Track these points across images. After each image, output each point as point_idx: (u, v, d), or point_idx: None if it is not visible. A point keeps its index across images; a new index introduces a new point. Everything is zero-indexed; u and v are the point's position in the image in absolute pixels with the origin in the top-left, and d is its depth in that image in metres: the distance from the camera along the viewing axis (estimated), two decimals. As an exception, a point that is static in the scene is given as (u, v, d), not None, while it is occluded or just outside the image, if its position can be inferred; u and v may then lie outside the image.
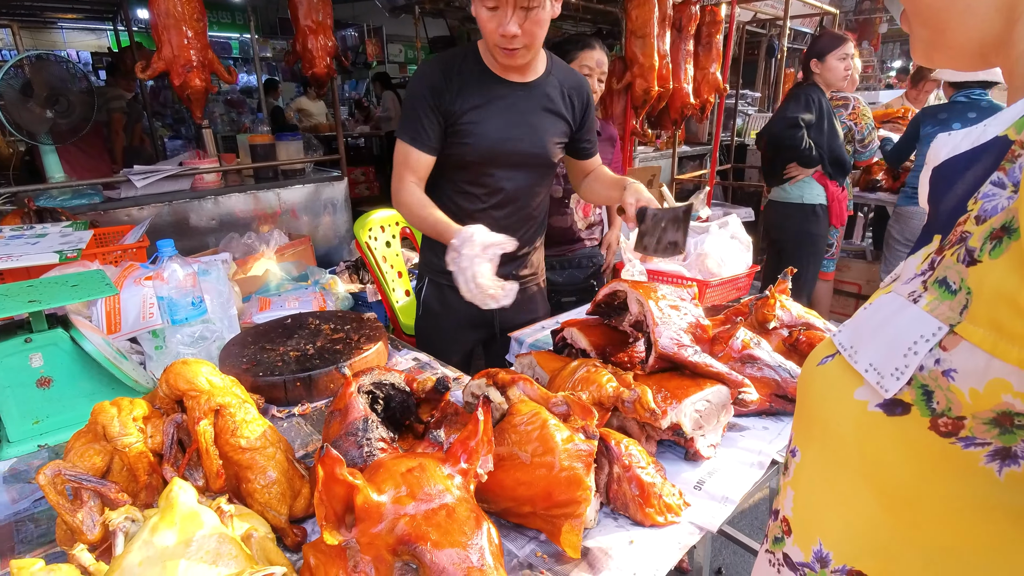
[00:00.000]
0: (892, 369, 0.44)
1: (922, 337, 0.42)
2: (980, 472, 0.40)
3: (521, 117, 1.56)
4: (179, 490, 0.66)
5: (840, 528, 0.50)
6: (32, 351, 1.22)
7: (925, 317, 0.42)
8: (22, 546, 0.95)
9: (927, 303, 0.43)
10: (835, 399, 0.49)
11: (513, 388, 1.00)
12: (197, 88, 2.48)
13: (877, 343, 0.46)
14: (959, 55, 0.51)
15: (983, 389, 0.39)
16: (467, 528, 0.69)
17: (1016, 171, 0.39)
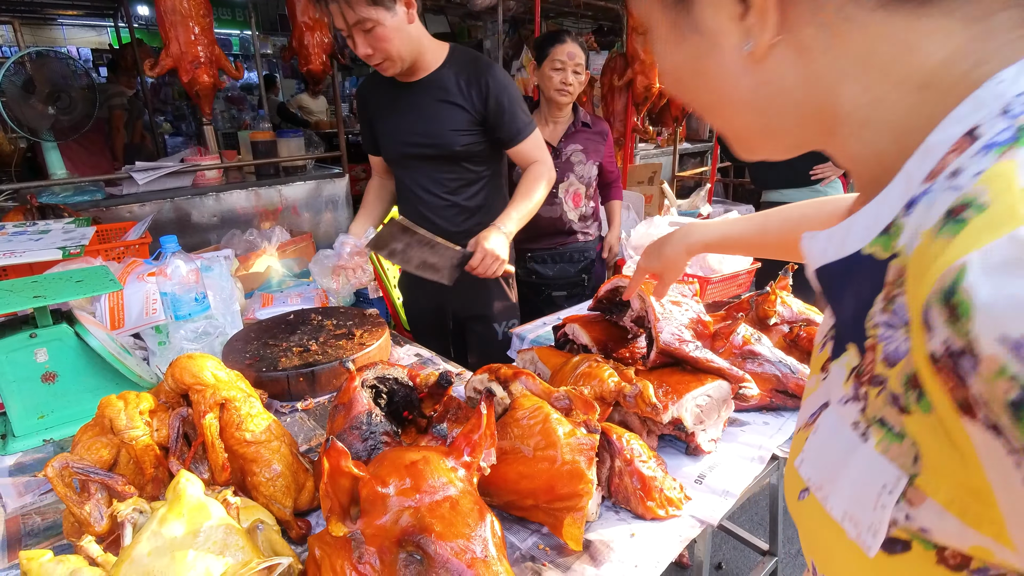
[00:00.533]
0: (867, 525, 0.39)
1: (884, 488, 0.37)
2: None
3: (416, 113, 1.67)
4: (186, 482, 0.66)
5: None
6: (37, 346, 1.22)
7: (882, 461, 0.37)
8: (29, 538, 0.96)
9: (877, 443, 0.38)
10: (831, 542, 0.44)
11: (515, 383, 1.01)
12: (205, 84, 2.48)
13: (843, 488, 0.41)
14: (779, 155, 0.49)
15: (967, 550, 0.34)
16: (471, 520, 0.70)
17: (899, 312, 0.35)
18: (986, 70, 0.34)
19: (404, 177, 1.79)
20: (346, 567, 0.68)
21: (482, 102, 1.63)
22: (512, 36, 5.56)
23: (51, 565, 0.68)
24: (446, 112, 1.63)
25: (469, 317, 1.90)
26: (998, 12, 0.34)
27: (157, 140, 4.97)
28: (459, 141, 1.66)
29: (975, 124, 0.33)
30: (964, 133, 0.33)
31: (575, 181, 2.30)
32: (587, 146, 2.30)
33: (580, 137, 2.29)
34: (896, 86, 0.38)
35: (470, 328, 1.93)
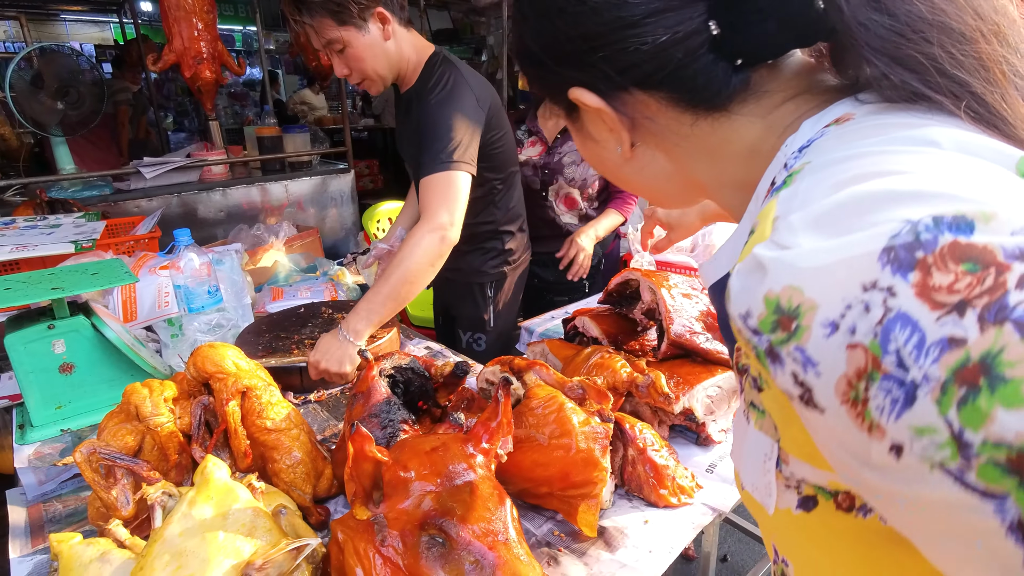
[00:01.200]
0: (763, 488, 0.47)
1: (766, 456, 0.46)
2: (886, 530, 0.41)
3: (401, 127, 1.70)
4: (213, 467, 0.68)
5: None
6: (55, 337, 1.24)
7: (760, 437, 0.46)
8: (51, 525, 0.98)
9: (755, 422, 0.47)
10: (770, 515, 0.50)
11: (529, 373, 1.02)
12: (208, 80, 2.50)
13: (746, 465, 0.50)
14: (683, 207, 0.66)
15: (827, 486, 0.42)
16: (491, 504, 0.71)
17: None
18: (784, 139, 0.46)
19: None
20: (369, 550, 0.70)
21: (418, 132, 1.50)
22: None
23: (81, 548, 0.70)
24: (408, 132, 1.61)
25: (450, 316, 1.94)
26: (778, 106, 0.47)
27: (162, 136, 4.99)
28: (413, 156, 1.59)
29: (773, 176, 0.45)
30: (769, 183, 0.46)
31: (564, 184, 2.12)
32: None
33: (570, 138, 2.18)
34: (731, 159, 0.51)
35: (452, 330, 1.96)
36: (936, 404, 0.28)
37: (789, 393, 0.35)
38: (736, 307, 0.37)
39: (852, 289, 0.31)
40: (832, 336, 0.32)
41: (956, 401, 0.28)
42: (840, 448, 0.34)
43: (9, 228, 2.02)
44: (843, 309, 0.31)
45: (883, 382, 0.30)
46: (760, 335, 0.35)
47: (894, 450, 0.30)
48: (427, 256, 1.35)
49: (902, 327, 0.29)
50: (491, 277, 1.80)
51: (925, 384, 0.29)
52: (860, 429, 0.31)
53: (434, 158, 1.40)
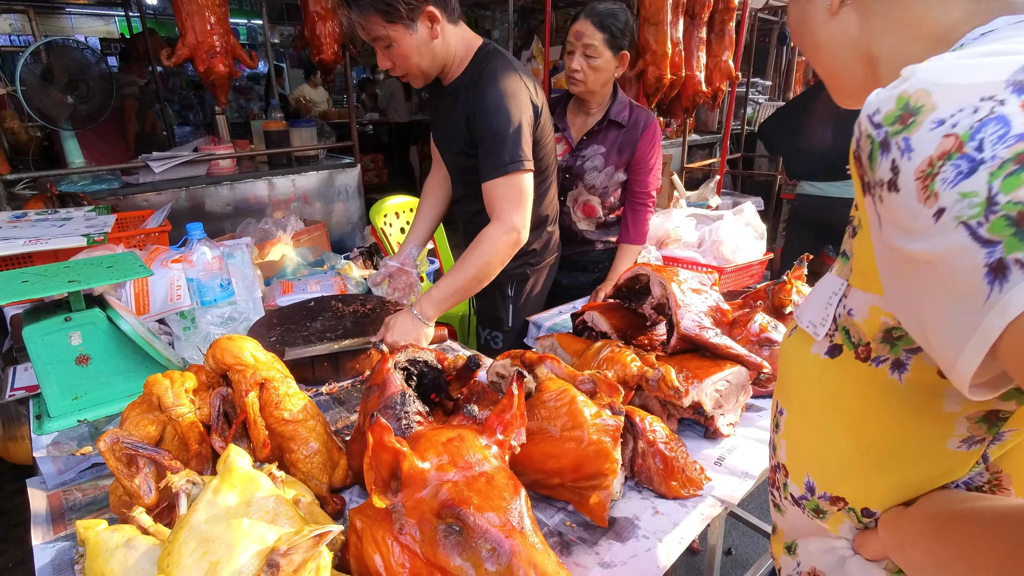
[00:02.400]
0: (820, 320, 0.61)
1: (833, 293, 0.60)
2: (890, 382, 0.55)
3: (440, 120, 1.68)
4: (236, 456, 0.70)
5: (820, 461, 0.64)
6: (71, 329, 1.26)
7: (833, 278, 0.61)
8: (71, 513, 1.00)
9: (836, 269, 0.61)
10: (800, 358, 0.64)
11: (541, 367, 1.04)
12: (221, 73, 2.50)
13: (810, 304, 0.64)
14: (857, 98, 0.65)
15: (868, 316, 0.55)
16: (506, 494, 0.73)
17: None
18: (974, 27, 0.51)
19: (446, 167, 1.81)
20: (387, 537, 0.72)
21: (469, 124, 1.52)
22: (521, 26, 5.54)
23: (107, 534, 0.71)
24: (454, 128, 1.57)
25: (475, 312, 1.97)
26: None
27: (169, 130, 5.00)
28: (462, 159, 1.60)
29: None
30: None
31: (584, 191, 1.97)
32: (611, 149, 1.90)
33: (607, 137, 1.90)
34: (917, 40, 0.55)
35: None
36: (989, 175, 0.38)
37: (881, 181, 0.44)
38: (867, 110, 0.45)
39: (971, 99, 0.40)
40: (935, 129, 0.40)
41: (1005, 174, 0.37)
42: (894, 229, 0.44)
43: (21, 221, 2.04)
44: (955, 111, 0.40)
45: (957, 160, 0.39)
46: (880, 128, 0.44)
47: (937, 214, 0.40)
48: (499, 256, 1.46)
49: (996, 124, 0.38)
50: (512, 277, 1.76)
51: (990, 162, 0.38)
52: (919, 200, 0.41)
53: (499, 160, 1.44)
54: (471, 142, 1.53)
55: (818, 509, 0.64)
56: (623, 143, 1.90)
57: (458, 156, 1.61)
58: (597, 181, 1.95)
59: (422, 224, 1.86)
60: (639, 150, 1.90)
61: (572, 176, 1.97)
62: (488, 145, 1.46)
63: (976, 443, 0.55)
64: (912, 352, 0.53)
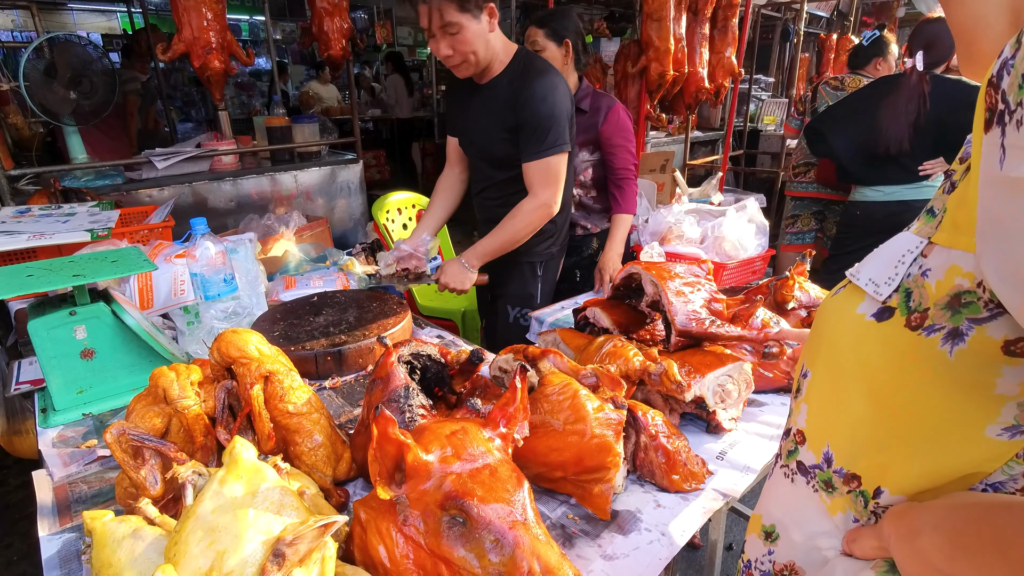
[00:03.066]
0: (886, 278, 0.56)
1: (908, 251, 0.55)
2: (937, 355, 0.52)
3: (474, 116, 1.78)
4: (242, 447, 0.70)
5: (843, 432, 0.61)
6: (76, 323, 1.26)
7: (911, 236, 0.56)
8: (78, 505, 1.01)
9: (915, 228, 0.57)
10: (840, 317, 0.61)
11: (543, 361, 1.04)
12: (217, 70, 2.50)
13: (875, 262, 0.59)
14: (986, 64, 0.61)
15: (944, 277, 0.51)
16: (510, 486, 0.73)
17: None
18: None
19: (469, 165, 1.94)
20: (392, 529, 0.72)
21: (520, 113, 1.65)
22: (523, 21, 5.53)
23: (114, 524, 0.72)
24: (494, 118, 1.71)
25: (496, 295, 1.99)
26: None
27: (171, 126, 5.00)
28: (500, 146, 1.73)
29: None
30: None
31: None
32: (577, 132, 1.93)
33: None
34: None
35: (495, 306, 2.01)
36: None
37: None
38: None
39: None
40: None
41: None
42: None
43: (25, 216, 2.05)
44: None
45: None
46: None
47: None
48: (531, 226, 1.72)
49: None
50: (542, 257, 1.89)
51: None
52: None
53: (542, 143, 1.65)
54: (514, 129, 1.68)
55: (829, 483, 0.61)
56: (587, 127, 2.07)
57: (498, 145, 1.74)
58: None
59: (436, 213, 1.96)
60: (603, 133, 2.06)
61: None
62: (532, 129, 1.64)
63: (1019, 433, 0.50)
64: (976, 322, 0.49)
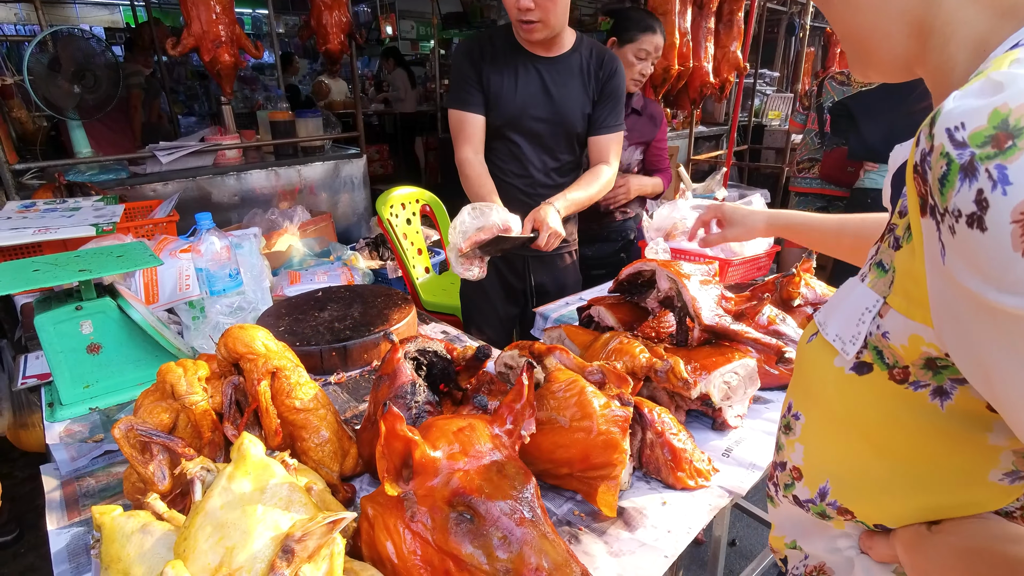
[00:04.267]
0: (850, 336, 0.55)
1: (867, 309, 0.53)
2: (930, 407, 0.51)
3: (544, 88, 1.70)
4: (250, 443, 0.70)
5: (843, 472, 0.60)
6: (83, 318, 1.27)
7: (868, 292, 0.53)
8: (85, 499, 1.02)
9: (869, 281, 0.54)
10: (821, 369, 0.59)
11: (550, 357, 1.04)
12: (227, 63, 2.50)
13: (838, 316, 0.57)
14: (888, 71, 0.60)
15: (908, 343, 0.49)
16: (517, 483, 0.73)
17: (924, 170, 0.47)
18: None
19: (512, 145, 1.76)
20: (399, 525, 0.72)
21: (600, 87, 1.70)
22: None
23: (123, 519, 0.72)
24: (571, 94, 1.70)
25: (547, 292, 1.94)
26: None
27: (174, 120, 5.00)
28: (578, 121, 1.73)
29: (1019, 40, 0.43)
30: (1010, 46, 0.44)
31: None
32: (632, 132, 2.26)
33: (628, 122, 2.23)
34: (981, 10, 0.48)
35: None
36: None
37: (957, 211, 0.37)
38: (945, 121, 0.38)
39: None
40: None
41: None
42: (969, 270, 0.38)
43: (30, 211, 2.05)
44: None
45: None
46: (964, 148, 0.36)
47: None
48: (605, 191, 1.74)
49: None
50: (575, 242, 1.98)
51: None
52: (1015, 248, 0.35)
53: (619, 118, 1.75)
54: (595, 103, 1.72)
55: (823, 514, 0.62)
56: (641, 129, 2.26)
57: (580, 121, 1.73)
58: (624, 157, 2.23)
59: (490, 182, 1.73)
60: (658, 139, 2.32)
61: None
62: (615, 101, 1.73)
63: (1021, 478, 0.50)
64: (959, 383, 0.48)
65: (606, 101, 1.73)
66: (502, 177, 1.78)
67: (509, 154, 1.77)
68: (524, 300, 1.96)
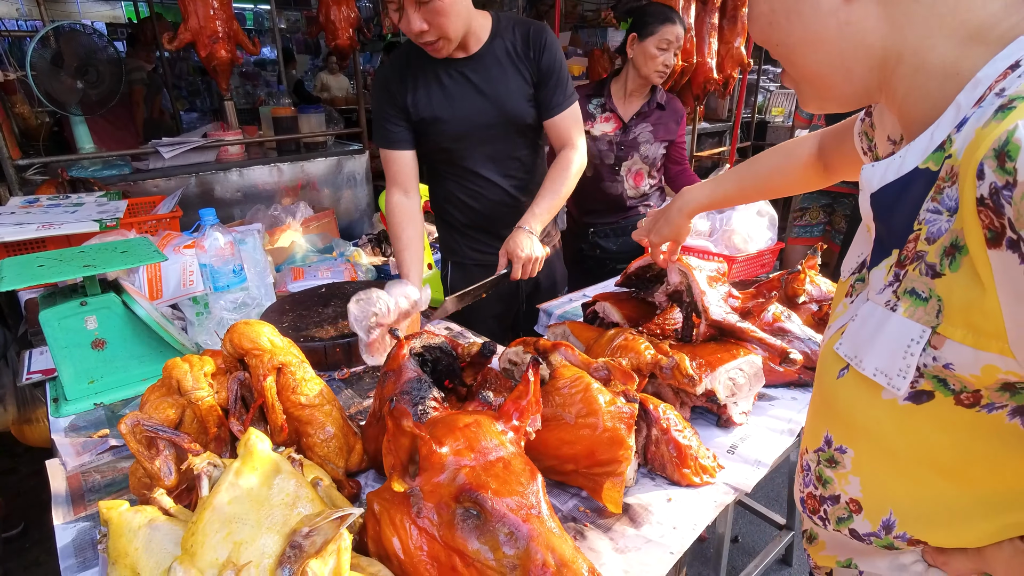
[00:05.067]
0: (897, 371, 0.52)
1: (912, 340, 0.50)
2: (1008, 427, 0.49)
3: (476, 90, 1.57)
4: (256, 439, 0.70)
5: (909, 502, 0.58)
6: (87, 314, 1.27)
7: (908, 323, 0.51)
8: (91, 494, 1.02)
9: (904, 310, 0.51)
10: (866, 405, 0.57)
11: (555, 354, 1.04)
12: (223, 59, 2.49)
13: (877, 350, 0.54)
14: (847, 103, 0.60)
15: (981, 373, 0.47)
16: (523, 479, 0.73)
17: (946, 200, 0.47)
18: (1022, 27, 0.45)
19: (465, 158, 1.66)
20: (406, 521, 0.72)
21: (535, 64, 1.57)
22: (530, 11, 5.48)
23: (130, 514, 0.72)
24: (511, 80, 1.58)
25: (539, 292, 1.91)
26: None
27: (176, 116, 5.00)
28: (524, 110, 1.60)
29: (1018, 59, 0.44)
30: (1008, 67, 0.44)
31: (639, 161, 2.29)
32: (657, 127, 2.28)
33: (652, 117, 2.27)
34: (948, 36, 0.48)
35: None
36: None
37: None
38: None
39: None
40: None
41: None
42: None
43: (34, 206, 2.05)
44: None
45: None
46: None
47: None
48: (576, 178, 1.62)
49: None
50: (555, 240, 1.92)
51: None
52: None
53: (567, 91, 1.61)
54: (534, 86, 1.60)
55: (890, 546, 0.60)
56: (665, 123, 2.28)
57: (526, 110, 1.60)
58: (650, 152, 2.29)
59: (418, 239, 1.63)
60: (680, 135, 2.34)
61: (627, 148, 2.25)
62: (557, 78, 1.59)
63: None
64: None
65: (547, 78, 1.58)
66: (463, 197, 1.72)
67: (463, 172, 1.68)
68: (516, 299, 1.92)
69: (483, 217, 1.74)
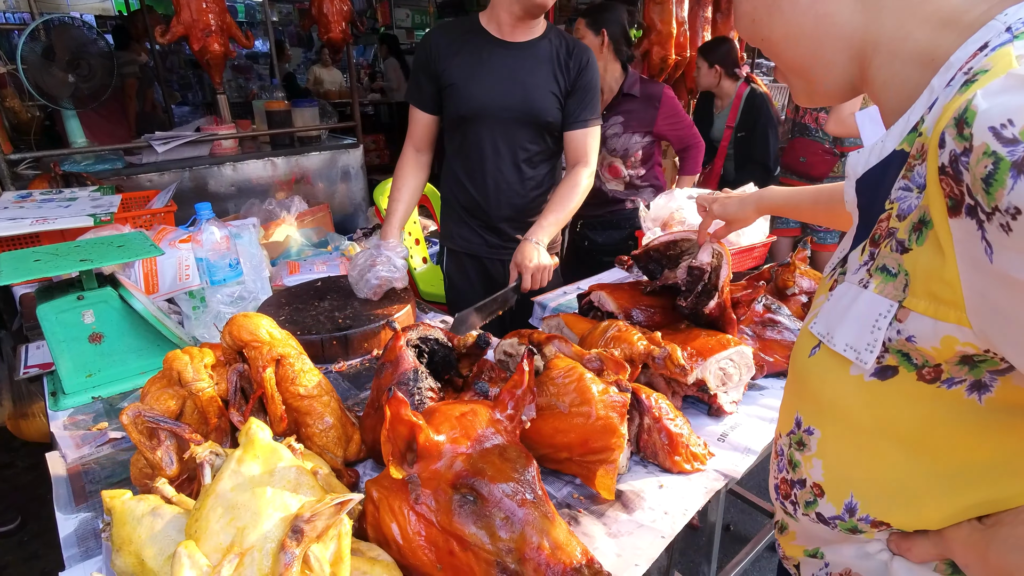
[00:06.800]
0: (864, 345, 0.53)
1: (880, 315, 0.52)
2: (967, 403, 0.50)
3: (511, 75, 1.65)
4: (257, 428, 0.72)
5: (869, 482, 0.59)
6: (84, 308, 1.27)
7: (878, 299, 0.52)
8: (92, 485, 1.03)
9: (875, 287, 0.52)
10: (834, 381, 0.58)
11: (549, 345, 1.06)
12: (216, 53, 2.49)
13: (846, 326, 0.56)
14: (835, 95, 0.62)
15: (940, 345, 0.48)
16: (519, 466, 0.75)
17: (916, 177, 0.48)
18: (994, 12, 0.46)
19: (477, 136, 1.71)
20: (404, 507, 0.74)
21: (573, 76, 1.65)
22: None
23: (133, 503, 0.74)
24: (545, 79, 1.65)
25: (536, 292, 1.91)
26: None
27: (169, 109, 4.97)
28: (548, 106, 1.67)
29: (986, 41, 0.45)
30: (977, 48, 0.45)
31: (607, 155, 2.30)
32: (628, 118, 2.27)
33: (622, 108, 2.27)
34: (922, 23, 0.50)
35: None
36: None
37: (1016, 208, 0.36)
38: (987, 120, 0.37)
39: None
40: None
41: None
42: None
43: (27, 201, 2.05)
44: None
45: None
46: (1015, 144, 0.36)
47: None
48: (584, 195, 1.69)
49: None
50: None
51: None
52: None
53: (595, 110, 1.70)
54: (564, 94, 1.66)
55: (855, 529, 0.60)
56: (639, 113, 2.27)
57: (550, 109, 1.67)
58: (618, 144, 2.28)
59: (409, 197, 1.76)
60: (659, 121, 2.29)
61: None
62: (589, 95, 1.67)
63: None
64: (998, 373, 0.48)
65: (579, 93, 1.67)
66: (469, 172, 1.76)
67: (475, 147, 1.72)
68: None
69: (475, 203, 1.79)
